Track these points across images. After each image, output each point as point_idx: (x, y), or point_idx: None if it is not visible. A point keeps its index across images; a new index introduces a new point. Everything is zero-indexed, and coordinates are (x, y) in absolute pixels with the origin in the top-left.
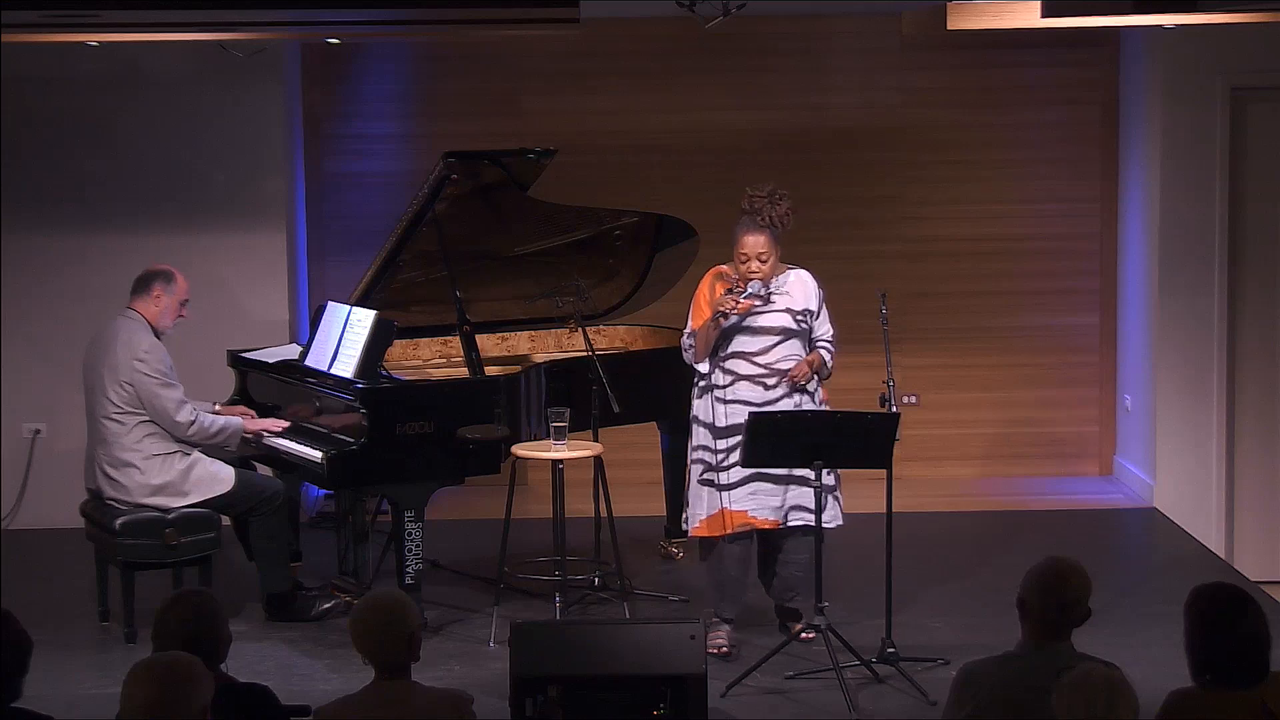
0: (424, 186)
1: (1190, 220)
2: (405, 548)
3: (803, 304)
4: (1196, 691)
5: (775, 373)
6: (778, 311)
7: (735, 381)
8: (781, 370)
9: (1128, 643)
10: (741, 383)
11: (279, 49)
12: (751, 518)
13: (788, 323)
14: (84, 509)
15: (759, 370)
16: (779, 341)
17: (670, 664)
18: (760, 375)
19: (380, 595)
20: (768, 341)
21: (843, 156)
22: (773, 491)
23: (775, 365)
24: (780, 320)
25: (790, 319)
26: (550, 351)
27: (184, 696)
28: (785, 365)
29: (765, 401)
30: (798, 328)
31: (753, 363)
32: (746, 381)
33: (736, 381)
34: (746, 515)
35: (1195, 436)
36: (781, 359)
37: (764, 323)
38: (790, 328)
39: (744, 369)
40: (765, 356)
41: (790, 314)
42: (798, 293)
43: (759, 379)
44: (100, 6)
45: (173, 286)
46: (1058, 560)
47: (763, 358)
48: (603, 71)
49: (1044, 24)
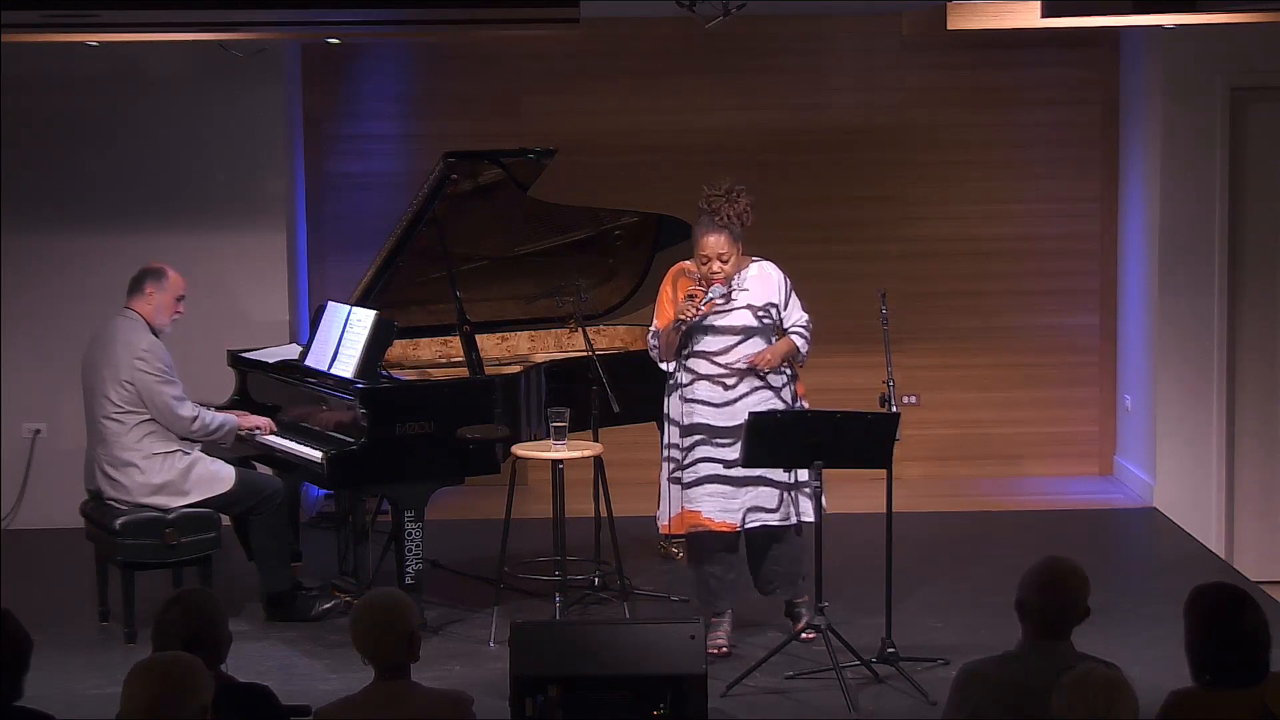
0: (424, 186)
1: (1190, 220)
2: (405, 548)
3: (764, 298)
4: (1196, 691)
5: (736, 373)
6: (739, 309)
7: (695, 381)
8: (743, 370)
9: (1128, 643)
10: (701, 382)
11: (279, 49)
12: (706, 519)
13: (749, 320)
14: (84, 509)
15: (719, 370)
16: (740, 340)
17: (670, 664)
18: (720, 375)
19: (380, 595)
20: (729, 341)
21: (843, 156)
22: (730, 494)
23: (735, 365)
24: (741, 319)
25: (751, 316)
26: (550, 351)
27: (184, 696)
28: (746, 365)
29: (725, 402)
30: (760, 324)
31: (713, 362)
32: (706, 381)
33: (696, 381)
34: (700, 517)
35: (1195, 436)
36: (742, 359)
37: (725, 322)
38: (752, 325)
39: (704, 369)
40: (726, 356)
41: (751, 310)
42: (758, 287)
43: (719, 379)
44: (100, 6)
45: (164, 283)
46: (1055, 560)
47: (723, 358)
48: (603, 71)
49: (1044, 24)
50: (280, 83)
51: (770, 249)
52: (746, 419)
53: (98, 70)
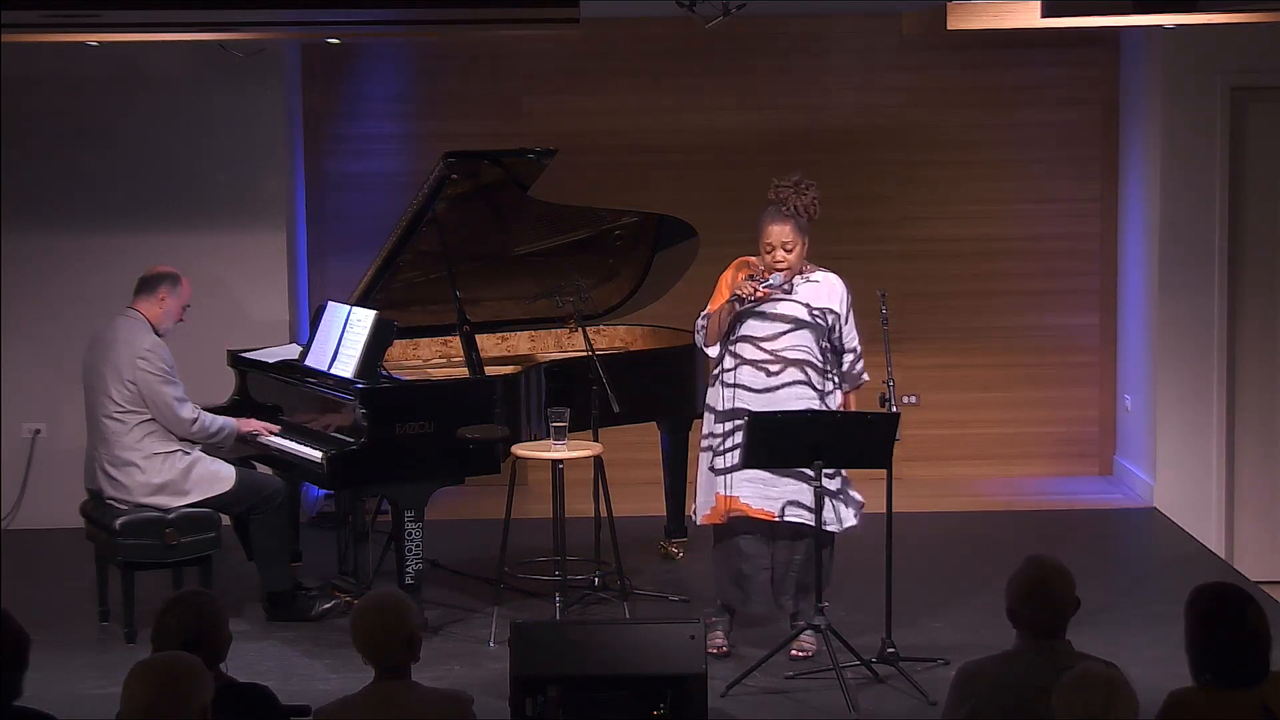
0: (424, 186)
1: (1190, 220)
2: (405, 548)
3: (824, 302)
4: (1196, 691)
5: (780, 360)
6: (795, 302)
7: (739, 366)
8: (787, 359)
9: (1128, 643)
10: (745, 367)
11: (279, 49)
12: (745, 504)
13: (802, 314)
14: (84, 509)
15: (763, 355)
16: (789, 330)
17: (670, 664)
18: (764, 360)
19: (380, 595)
20: (779, 328)
21: (843, 156)
22: (770, 481)
23: (781, 353)
24: (795, 310)
25: (805, 311)
26: (550, 351)
27: (184, 696)
28: (792, 355)
29: (766, 388)
30: (811, 320)
31: (759, 347)
32: (750, 366)
33: (740, 366)
34: (739, 501)
35: (1195, 436)
36: (789, 347)
37: (778, 310)
38: (803, 319)
39: (749, 353)
40: (773, 343)
41: (807, 308)
42: (820, 291)
43: (762, 364)
44: (100, 6)
45: (178, 290)
46: (1035, 563)
47: (770, 344)
48: (603, 71)
49: (1044, 24)
50: (280, 83)
51: None
52: (746, 419)
53: (98, 70)
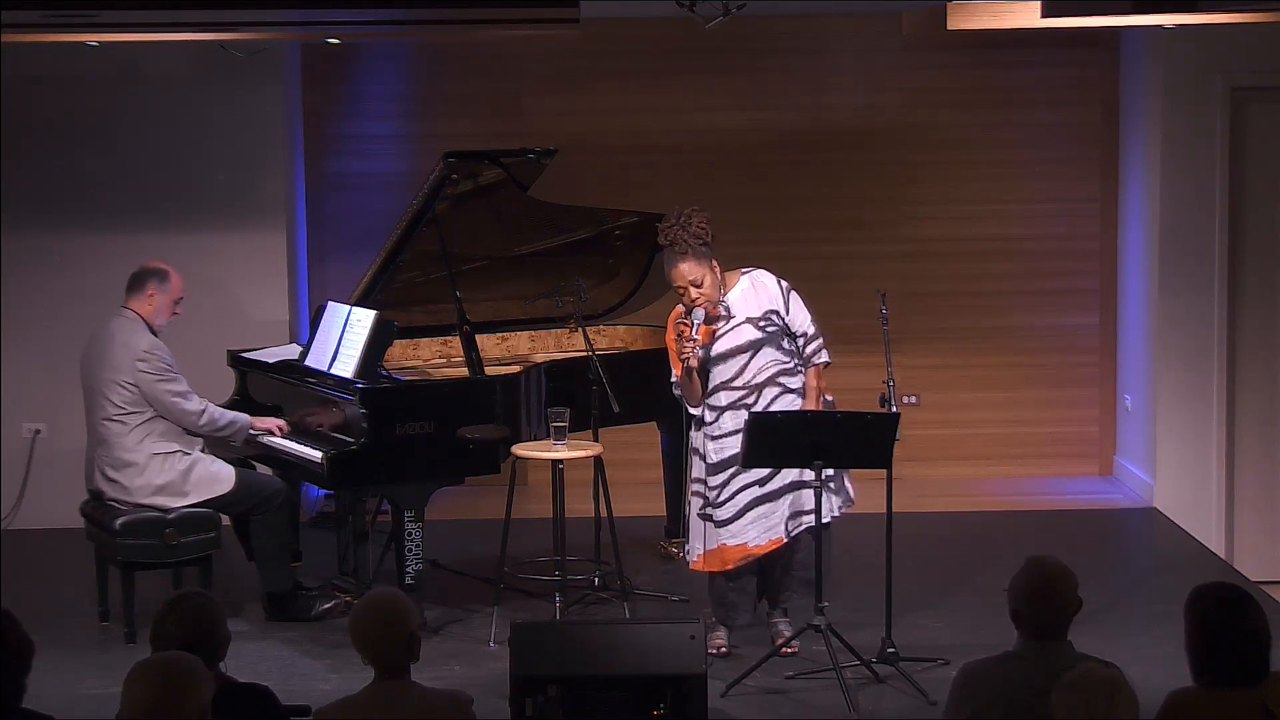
0: (424, 186)
1: (1190, 220)
2: (405, 548)
3: (762, 307)
4: (1196, 691)
5: (755, 388)
6: (739, 326)
7: (719, 416)
8: (760, 384)
9: (1128, 643)
10: (725, 415)
11: (279, 49)
12: (753, 548)
13: (753, 334)
14: (84, 509)
15: (739, 394)
16: (750, 356)
17: (670, 664)
18: (740, 399)
19: (380, 595)
20: (740, 361)
21: (843, 156)
22: (771, 509)
23: (753, 381)
24: (744, 335)
25: (754, 329)
26: (550, 351)
27: (184, 696)
28: (763, 377)
29: None
30: (765, 334)
31: (731, 389)
32: (729, 411)
33: (720, 415)
34: (747, 548)
35: (1195, 436)
36: (758, 372)
37: (729, 344)
38: (757, 338)
39: (724, 399)
40: (742, 377)
41: (752, 323)
42: (753, 298)
43: (739, 402)
44: (100, 6)
45: (167, 285)
46: (1037, 564)
47: (740, 379)
48: (603, 71)
49: (1044, 24)
50: (280, 83)
51: (770, 249)
52: (746, 419)
53: (98, 70)
